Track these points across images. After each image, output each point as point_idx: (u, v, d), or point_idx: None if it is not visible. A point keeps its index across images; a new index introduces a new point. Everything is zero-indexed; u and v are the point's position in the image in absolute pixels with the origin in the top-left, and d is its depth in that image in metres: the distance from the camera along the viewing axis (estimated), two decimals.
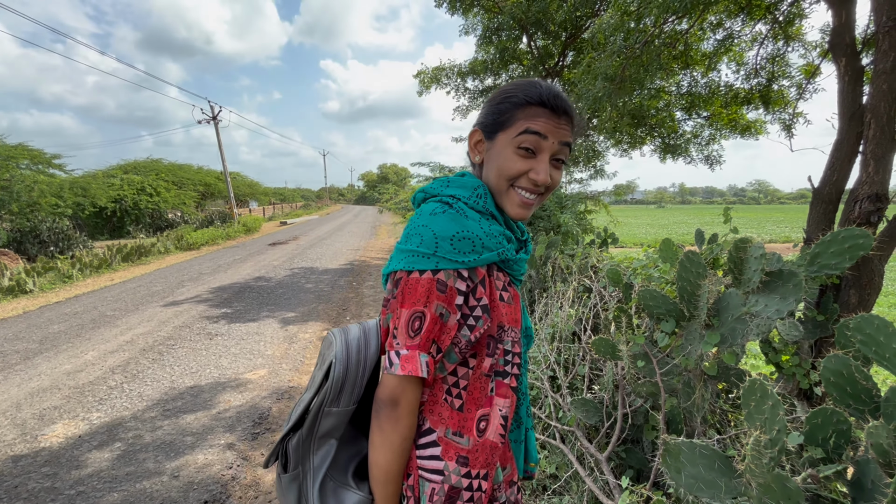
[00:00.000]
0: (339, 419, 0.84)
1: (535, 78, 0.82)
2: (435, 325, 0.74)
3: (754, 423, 1.12)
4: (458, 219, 0.76)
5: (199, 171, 26.49)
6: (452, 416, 0.81)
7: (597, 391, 2.52)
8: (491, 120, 0.80)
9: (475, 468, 0.79)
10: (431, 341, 0.74)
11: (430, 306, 0.73)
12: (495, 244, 0.77)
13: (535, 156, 0.78)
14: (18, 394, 3.44)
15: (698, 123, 7.93)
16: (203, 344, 4.57)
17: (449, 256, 0.73)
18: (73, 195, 16.68)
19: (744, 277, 1.65)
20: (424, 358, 0.74)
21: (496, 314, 0.81)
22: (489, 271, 0.80)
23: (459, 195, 0.80)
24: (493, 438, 0.81)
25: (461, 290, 0.75)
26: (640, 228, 27.47)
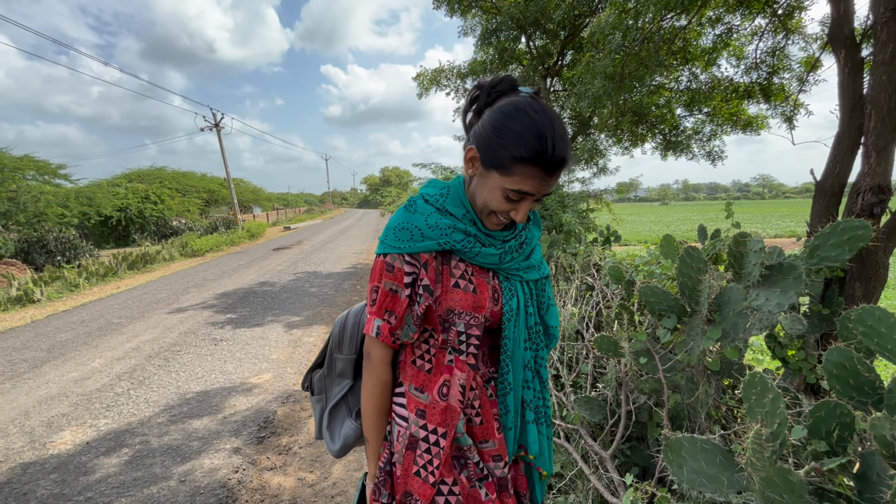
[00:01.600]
0: (345, 363, 1.15)
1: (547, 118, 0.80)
2: (386, 297, 0.92)
3: (755, 417, 1.11)
4: (406, 213, 0.92)
5: (203, 179, 26.67)
6: (418, 375, 0.98)
7: (601, 389, 2.51)
8: (489, 154, 0.84)
9: (432, 423, 0.94)
10: (384, 310, 0.92)
11: (382, 282, 0.92)
12: (438, 235, 0.89)
13: (521, 202, 0.85)
14: (27, 402, 3.47)
15: (699, 119, 7.91)
16: (208, 349, 4.60)
17: (391, 243, 0.90)
18: (78, 205, 16.85)
19: (744, 272, 1.65)
20: (377, 322, 0.92)
21: (445, 298, 0.92)
22: (443, 259, 0.93)
23: (426, 193, 0.95)
24: (454, 403, 0.94)
25: (408, 272, 0.90)
26: (643, 226, 27.37)
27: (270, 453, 2.68)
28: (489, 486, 0.97)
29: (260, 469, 2.52)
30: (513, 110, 0.82)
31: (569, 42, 8.06)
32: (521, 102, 0.83)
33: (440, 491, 0.94)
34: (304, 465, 2.56)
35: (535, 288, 1.04)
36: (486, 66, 8.54)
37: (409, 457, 0.95)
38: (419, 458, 0.94)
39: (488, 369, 1.03)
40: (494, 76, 0.93)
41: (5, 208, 12.06)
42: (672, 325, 1.92)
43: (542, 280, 1.06)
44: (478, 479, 0.97)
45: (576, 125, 8.81)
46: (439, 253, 0.93)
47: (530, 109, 0.81)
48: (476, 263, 0.95)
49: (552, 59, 8.48)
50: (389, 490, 0.99)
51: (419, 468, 0.94)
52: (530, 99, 0.84)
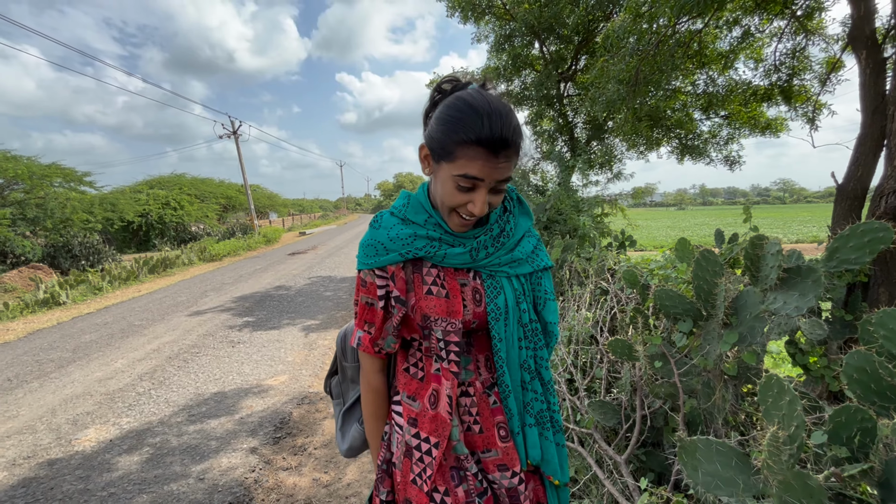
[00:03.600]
0: (354, 370, 1.20)
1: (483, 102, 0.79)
2: (364, 310, 0.95)
3: (772, 420, 1.10)
4: (372, 230, 0.95)
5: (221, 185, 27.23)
6: (410, 383, 0.99)
7: (615, 394, 2.49)
8: (436, 146, 0.84)
9: (424, 432, 0.94)
10: (364, 321, 0.96)
11: (359, 296, 0.96)
12: (399, 246, 0.91)
13: (474, 190, 0.83)
14: (53, 400, 3.59)
15: (716, 123, 7.80)
16: (226, 351, 4.68)
17: (361, 260, 0.94)
18: (102, 211, 17.35)
19: (761, 275, 1.63)
20: (359, 334, 0.97)
21: (420, 305, 0.92)
22: (414, 267, 0.94)
23: (395, 205, 0.98)
24: (443, 413, 0.93)
25: (380, 285, 0.93)
26: (659, 231, 26.98)
27: (286, 454, 2.72)
28: (489, 501, 0.94)
29: (275, 469, 2.56)
30: (454, 100, 0.82)
31: (583, 47, 8.05)
32: (463, 93, 0.83)
33: (433, 498, 0.93)
34: (318, 466, 2.59)
35: (530, 282, 1.00)
36: (500, 72, 8.58)
37: (406, 464, 0.96)
38: (415, 466, 0.95)
39: (490, 374, 0.99)
40: (446, 76, 0.93)
41: (34, 214, 12.48)
42: (688, 328, 1.90)
43: (538, 273, 1.01)
44: (477, 493, 0.94)
45: (590, 130, 8.77)
46: (409, 262, 0.94)
47: (469, 96, 0.81)
48: (447, 266, 0.93)
49: (566, 64, 8.48)
50: (389, 488, 1.00)
51: (415, 476, 0.95)
52: (474, 89, 0.84)
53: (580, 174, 7.15)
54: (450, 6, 8.05)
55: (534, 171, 7.06)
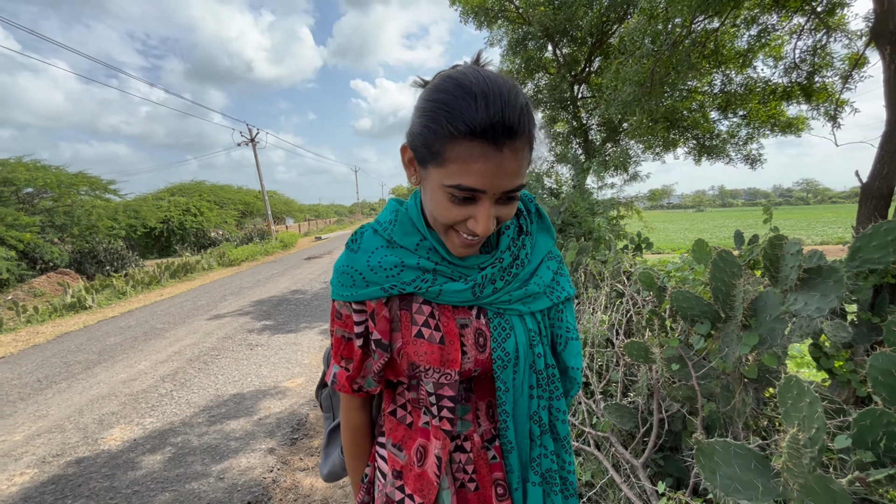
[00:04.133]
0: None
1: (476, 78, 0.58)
2: (340, 345, 0.80)
3: (792, 422, 1.08)
4: (348, 253, 0.75)
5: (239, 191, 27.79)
6: (397, 429, 0.83)
7: (632, 397, 2.46)
8: (419, 145, 0.63)
9: (408, 488, 0.79)
10: (340, 357, 0.80)
11: (334, 328, 0.80)
12: (382, 278, 0.71)
13: (475, 202, 0.62)
14: (81, 400, 3.70)
15: (734, 123, 7.67)
16: (244, 354, 4.77)
17: (335, 288, 0.76)
18: (126, 217, 17.86)
19: (780, 275, 1.60)
20: (336, 369, 0.82)
21: (407, 350, 0.74)
22: (402, 302, 0.75)
23: (379, 220, 0.77)
24: (430, 475, 0.77)
25: (357, 321, 0.75)
26: (677, 233, 26.54)
27: (303, 454, 2.76)
28: None
29: (292, 469, 2.60)
30: (438, 82, 0.62)
31: (596, 48, 8.02)
32: (449, 71, 0.64)
33: None
34: None
35: (549, 317, 0.82)
36: (513, 76, 8.58)
37: None
38: None
39: (492, 425, 0.82)
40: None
41: (61, 222, 12.92)
42: (705, 331, 1.87)
43: (559, 305, 0.82)
44: None
45: (605, 131, 8.71)
46: (397, 297, 0.75)
47: (458, 73, 0.61)
48: (443, 303, 0.74)
49: (579, 66, 8.45)
50: None
51: None
52: (465, 65, 0.64)
53: (595, 176, 7.10)
54: (463, 13, 8.11)
55: (548, 173, 7.03)
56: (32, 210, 12.63)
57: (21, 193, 12.90)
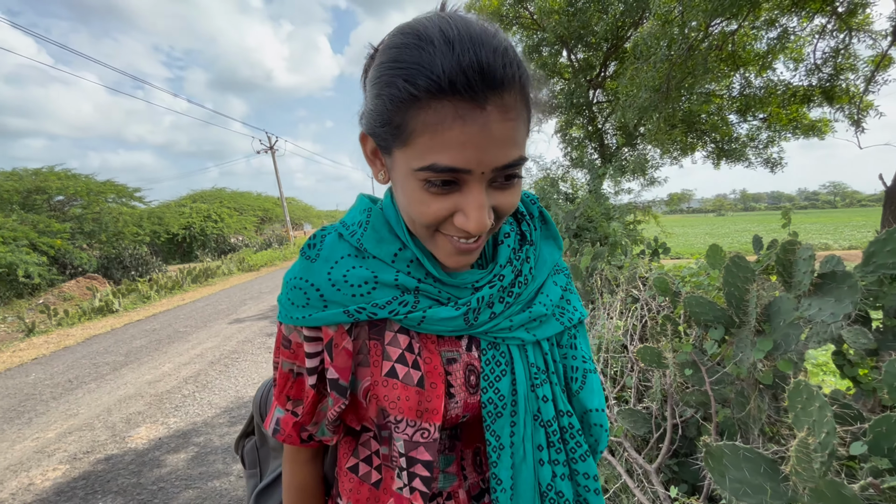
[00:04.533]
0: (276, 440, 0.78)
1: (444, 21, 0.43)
2: (286, 380, 0.61)
3: (801, 426, 1.09)
4: (303, 262, 0.56)
5: (258, 198, 28.38)
6: (359, 489, 0.62)
7: (646, 402, 2.46)
8: (377, 124, 0.47)
9: None
10: (285, 397, 0.62)
11: (279, 359, 0.61)
12: (346, 298, 0.54)
13: (459, 187, 0.46)
14: (109, 400, 3.85)
15: (754, 126, 7.54)
16: (264, 357, 4.88)
17: (282, 308, 0.57)
18: (150, 224, 18.41)
19: (794, 280, 1.60)
20: (279, 413, 0.62)
21: (375, 393, 0.56)
22: (371, 330, 0.57)
23: (346, 221, 0.59)
24: None
25: (310, 352, 0.57)
26: (696, 238, 26.05)
27: None
28: None
29: None
30: (388, 40, 0.47)
31: (612, 53, 8.00)
32: (400, 25, 0.47)
33: None
34: None
35: (561, 344, 0.63)
36: None
37: None
38: None
39: (479, 478, 0.64)
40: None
41: (90, 228, 13.40)
42: (719, 336, 1.87)
43: (571, 330, 0.64)
44: None
45: (621, 136, 8.66)
46: (363, 324, 0.57)
47: (412, 23, 0.46)
48: (425, 332, 0.57)
49: (594, 71, 8.44)
50: None
51: None
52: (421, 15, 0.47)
53: (611, 181, 7.07)
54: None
55: (563, 178, 7.02)
56: (63, 217, 13.14)
57: (52, 201, 13.45)
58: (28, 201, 12.60)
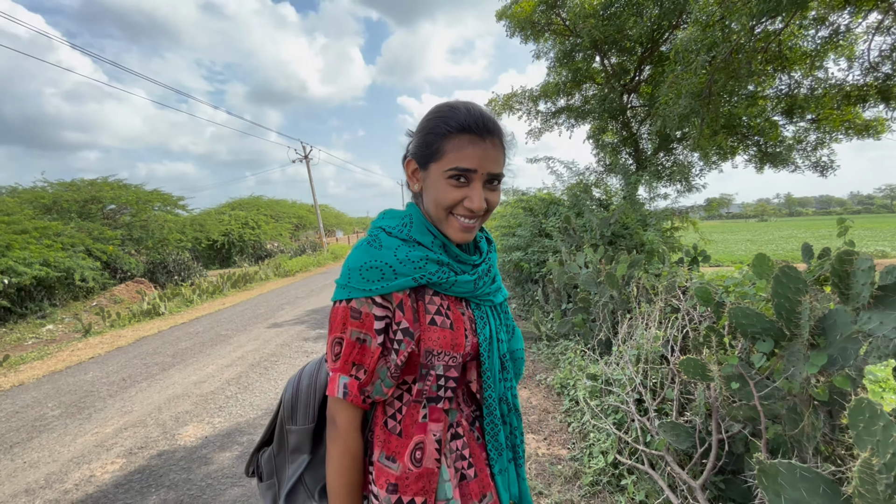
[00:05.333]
0: (300, 436, 0.96)
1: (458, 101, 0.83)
2: (353, 349, 0.80)
3: (864, 447, 1.04)
4: (370, 250, 0.81)
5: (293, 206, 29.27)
6: (389, 439, 0.85)
7: (688, 416, 2.38)
8: (421, 151, 0.82)
9: (407, 495, 0.81)
10: (351, 364, 0.80)
11: (347, 332, 0.80)
12: (411, 269, 0.80)
13: (469, 184, 0.79)
14: (159, 399, 4.06)
15: (801, 128, 7.20)
16: (301, 361, 5.03)
17: (358, 286, 0.79)
18: (192, 231, 19.28)
19: (851, 293, 1.53)
20: (344, 380, 0.80)
21: (423, 339, 0.81)
22: (418, 294, 0.84)
23: (386, 226, 0.86)
24: (430, 465, 0.83)
25: (379, 316, 0.80)
26: (737, 245, 24.94)
27: None
28: None
29: None
30: (429, 111, 0.84)
31: (647, 57, 7.85)
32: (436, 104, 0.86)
33: None
34: None
35: (501, 311, 0.96)
36: (560, 88, 8.56)
37: None
38: None
39: (470, 409, 0.94)
40: None
41: (138, 235, 14.19)
42: (768, 349, 1.81)
43: (505, 302, 0.99)
44: None
45: (656, 141, 8.46)
46: (413, 290, 0.83)
47: (445, 102, 0.85)
48: (452, 294, 0.86)
49: (629, 75, 8.29)
50: None
51: None
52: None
53: (647, 187, 6.90)
54: (510, 27, 8.23)
55: (597, 184, 6.91)
56: (115, 224, 13.98)
57: (105, 210, 14.33)
58: (84, 210, 13.49)
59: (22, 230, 9.61)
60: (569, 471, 2.53)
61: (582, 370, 3.62)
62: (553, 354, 4.45)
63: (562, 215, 6.05)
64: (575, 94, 8.94)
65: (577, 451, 2.73)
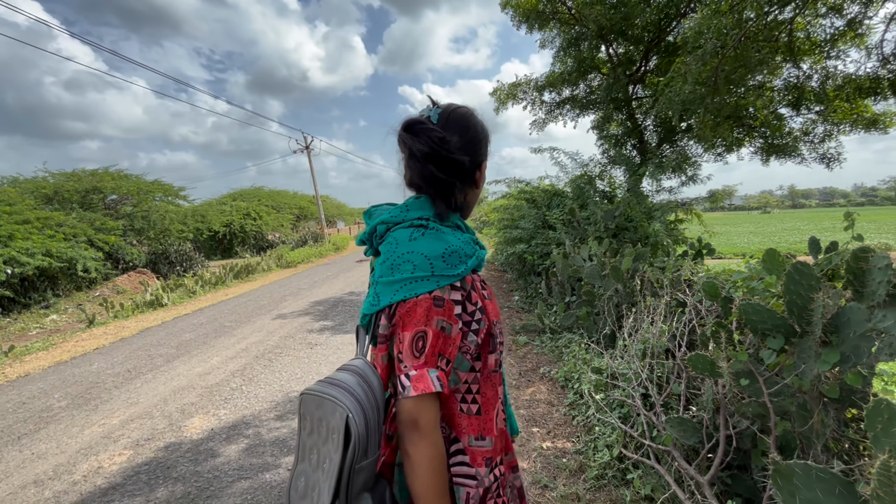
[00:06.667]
0: (370, 470, 0.78)
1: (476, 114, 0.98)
2: (438, 339, 0.77)
3: (882, 448, 1.03)
4: (440, 236, 0.83)
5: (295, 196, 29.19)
6: (472, 422, 0.86)
7: (694, 411, 2.38)
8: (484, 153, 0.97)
9: (496, 457, 0.90)
10: (437, 355, 0.77)
11: (431, 323, 0.76)
12: (472, 250, 0.86)
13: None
14: (165, 390, 4.08)
15: (808, 119, 7.11)
16: (305, 353, 5.04)
17: (446, 273, 0.79)
18: (194, 221, 19.27)
19: (866, 290, 1.51)
20: (434, 373, 0.75)
21: (488, 311, 0.88)
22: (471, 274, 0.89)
23: (425, 216, 0.87)
24: (501, 425, 0.93)
25: (457, 300, 0.80)
26: (740, 237, 24.86)
27: None
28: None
29: None
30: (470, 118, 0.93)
31: (653, 47, 7.74)
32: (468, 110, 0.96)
33: None
34: None
35: None
36: (565, 77, 8.46)
37: None
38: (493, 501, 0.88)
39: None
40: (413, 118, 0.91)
41: (140, 225, 14.19)
42: (779, 345, 1.79)
43: None
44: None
45: (661, 132, 8.37)
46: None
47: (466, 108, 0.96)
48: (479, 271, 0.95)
49: (635, 65, 8.18)
50: None
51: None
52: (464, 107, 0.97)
53: (651, 179, 6.84)
54: (514, 16, 8.11)
55: (600, 176, 6.86)
56: (116, 215, 13.96)
57: (107, 200, 14.31)
58: (86, 200, 13.47)
59: (24, 220, 9.60)
60: (574, 464, 2.54)
61: (586, 364, 3.62)
62: (557, 347, 4.45)
63: (566, 207, 6.02)
64: (580, 84, 8.84)
65: (581, 444, 2.74)
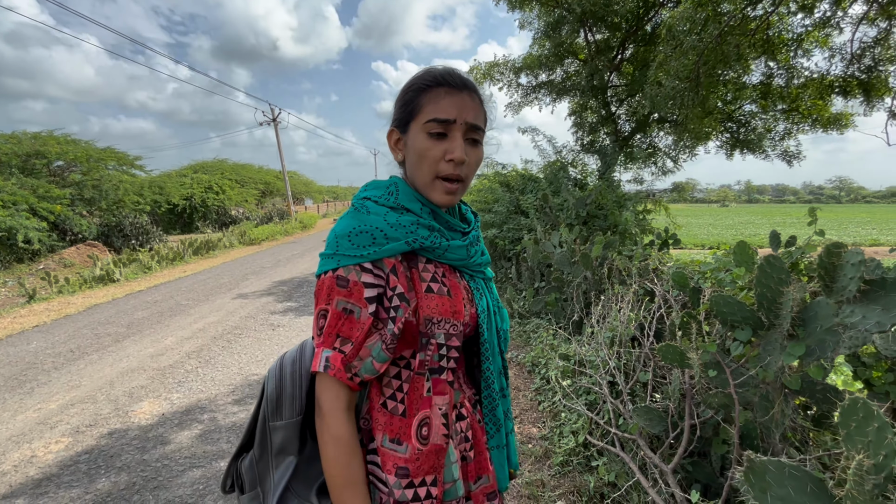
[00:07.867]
0: (287, 432, 0.83)
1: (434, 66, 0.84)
2: (338, 320, 0.74)
3: (855, 446, 1.03)
4: (359, 216, 0.78)
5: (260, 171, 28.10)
6: (391, 421, 0.80)
7: (659, 399, 2.41)
8: (400, 114, 0.82)
9: (417, 477, 0.78)
10: (335, 336, 0.74)
11: (332, 303, 0.74)
12: (403, 233, 0.77)
13: (448, 137, 0.78)
14: (111, 373, 3.82)
15: (772, 116, 7.34)
16: (266, 334, 4.85)
17: (348, 252, 0.74)
18: (151, 193, 18.25)
19: (836, 286, 1.52)
20: (327, 353, 0.73)
21: (421, 306, 0.78)
22: (411, 262, 0.81)
23: (371, 195, 0.82)
24: (438, 442, 0.80)
25: (369, 283, 0.74)
26: (701, 229, 25.90)
27: None
28: None
29: None
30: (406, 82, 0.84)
31: (631, 36, 7.73)
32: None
33: None
34: None
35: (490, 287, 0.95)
36: (542, 61, 8.36)
37: None
38: None
39: (471, 391, 0.93)
40: None
41: (90, 195, 13.27)
42: (746, 337, 1.81)
43: (491, 281, 0.98)
44: None
45: (633, 123, 8.45)
46: (404, 256, 0.80)
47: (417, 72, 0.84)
48: (444, 261, 0.84)
49: (612, 52, 8.16)
50: None
51: None
52: None
53: (622, 168, 6.92)
54: None
55: (573, 163, 6.86)
56: (63, 183, 12.98)
57: (52, 166, 13.26)
58: (27, 165, 12.43)
59: None
60: (539, 450, 2.54)
61: (554, 349, 3.64)
62: (525, 332, 4.46)
63: (539, 193, 6.00)
64: (556, 69, 8.76)
65: (547, 430, 2.74)
